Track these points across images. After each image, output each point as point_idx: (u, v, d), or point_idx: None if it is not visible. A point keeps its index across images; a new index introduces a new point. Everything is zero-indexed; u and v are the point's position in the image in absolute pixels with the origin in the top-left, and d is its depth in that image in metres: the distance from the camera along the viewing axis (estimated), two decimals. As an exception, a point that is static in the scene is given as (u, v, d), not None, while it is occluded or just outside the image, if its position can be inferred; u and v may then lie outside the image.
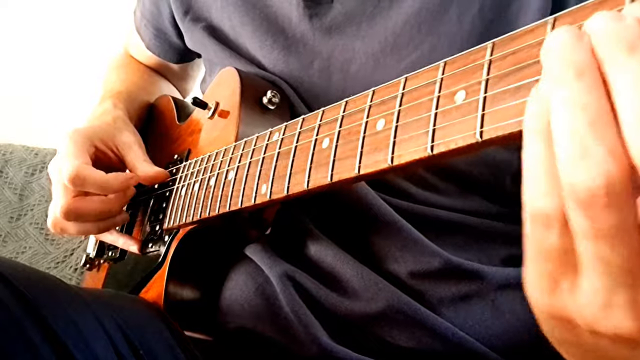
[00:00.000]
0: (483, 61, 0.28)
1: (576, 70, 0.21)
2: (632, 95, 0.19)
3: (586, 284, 0.22)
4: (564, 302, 0.23)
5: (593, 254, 0.21)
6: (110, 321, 0.45)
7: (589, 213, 0.20)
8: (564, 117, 0.21)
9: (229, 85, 0.58)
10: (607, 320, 0.22)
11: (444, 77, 0.30)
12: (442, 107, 0.29)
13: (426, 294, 0.49)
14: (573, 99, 0.20)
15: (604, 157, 0.20)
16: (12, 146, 1.15)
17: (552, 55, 0.21)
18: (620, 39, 0.20)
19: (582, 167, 0.20)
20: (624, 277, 0.21)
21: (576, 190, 0.20)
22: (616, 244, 0.21)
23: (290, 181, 0.40)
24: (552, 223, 0.22)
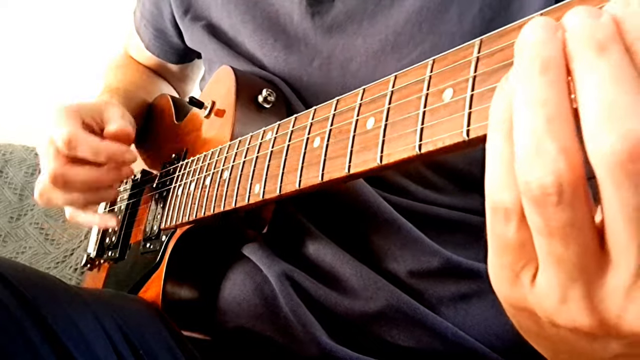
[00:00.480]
0: (471, 58, 0.27)
1: (541, 65, 0.20)
2: (596, 96, 0.19)
3: (543, 278, 0.22)
4: (524, 294, 0.23)
5: (547, 250, 0.21)
6: (110, 321, 0.45)
7: (541, 211, 0.20)
8: (523, 112, 0.20)
9: (224, 84, 0.57)
10: (564, 314, 0.22)
11: (432, 75, 0.30)
12: (431, 105, 0.29)
13: (426, 293, 0.49)
14: (534, 95, 0.20)
15: (556, 155, 0.20)
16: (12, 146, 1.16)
17: (522, 48, 0.21)
18: (592, 37, 0.19)
19: (535, 165, 0.20)
20: (578, 273, 0.21)
21: (530, 188, 0.20)
22: (569, 241, 0.20)
23: (283, 181, 0.40)
24: (510, 217, 0.22)
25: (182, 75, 0.87)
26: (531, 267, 0.23)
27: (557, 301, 0.22)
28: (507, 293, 0.24)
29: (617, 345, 0.22)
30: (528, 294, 0.23)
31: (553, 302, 0.22)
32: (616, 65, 0.19)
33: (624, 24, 0.20)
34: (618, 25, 0.20)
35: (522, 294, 0.24)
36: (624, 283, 0.20)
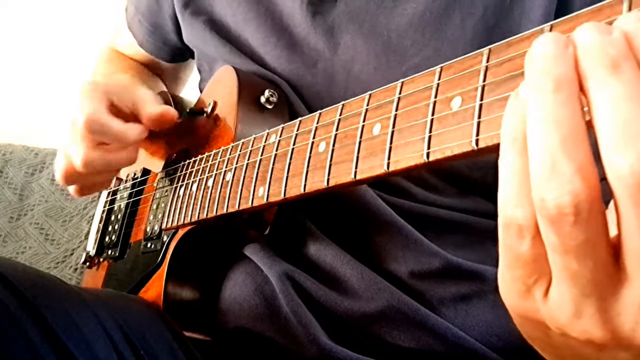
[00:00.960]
0: (479, 67, 0.28)
1: (555, 82, 0.20)
2: (610, 115, 0.19)
3: (556, 292, 0.22)
4: (536, 307, 0.24)
5: (562, 266, 0.21)
6: (110, 321, 0.45)
7: (557, 229, 0.20)
8: (538, 131, 0.20)
9: (226, 84, 0.57)
10: (578, 327, 0.22)
11: (440, 83, 0.30)
12: (439, 113, 0.29)
13: (426, 294, 0.49)
14: (548, 113, 0.20)
15: (572, 175, 0.20)
16: (12, 146, 1.15)
17: (534, 64, 0.21)
18: (604, 55, 0.19)
19: (551, 184, 0.20)
20: (592, 289, 0.21)
21: (546, 207, 0.20)
22: (584, 258, 0.21)
23: (287, 184, 0.40)
24: (524, 233, 0.22)
25: (174, 75, 0.85)
26: (544, 281, 0.23)
27: (571, 315, 0.22)
28: (516, 304, 0.25)
29: (626, 355, 0.23)
30: (540, 307, 0.23)
31: (566, 316, 0.22)
32: (630, 83, 0.19)
33: (636, 40, 0.19)
34: (630, 42, 0.19)
35: (533, 307, 0.24)
36: (638, 298, 0.20)
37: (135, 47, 0.80)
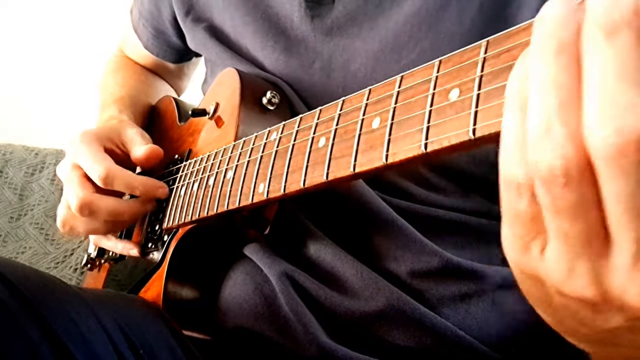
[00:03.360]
0: (477, 59, 0.28)
1: (558, 46, 0.20)
2: (597, 85, 0.19)
3: (551, 250, 0.23)
4: (535, 263, 0.24)
5: (555, 225, 0.22)
6: (110, 320, 0.45)
7: (549, 190, 0.21)
8: (537, 92, 0.21)
9: (229, 86, 0.58)
10: (571, 285, 0.23)
11: (438, 75, 0.30)
12: (437, 104, 0.29)
13: (426, 293, 0.49)
14: (548, 76, 0.20)
15: (564, 140, 0.20)
16: (12, 146, 1.15)
17: (541, 26, 0.21)
18: (607, 17, 0.19)
19: (544, 146, 0.20)
20: (583, 249, 0.22)
21: (539, 168, 0.21)
22: (575, 219, 0.21)
23: (287, 180, 0.40)
24: (522, 192, 0.23)
25: (179, 73, 0.87)
26: (541, 238, 0.23)
27: (564, 273, 0.23)
28: (518, 260, 0.25)
29: (619, 317, 0.23)
30: (538, 265, 0.24)
31: (560, 274, 0.23)
32: (622, 52, 0.19)
33: None
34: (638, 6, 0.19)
35: (532, 264, 0.24)
36: (625, 263, 0.21)
37: (141, 49, 0.81)
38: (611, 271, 0.21)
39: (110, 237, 0.65)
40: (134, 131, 0.64)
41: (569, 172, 0.20)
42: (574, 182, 0.20)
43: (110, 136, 0.63)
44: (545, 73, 0.20)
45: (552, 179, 0.20)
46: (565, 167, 0.20)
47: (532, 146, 0.21)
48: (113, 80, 0.81)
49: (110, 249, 0.66)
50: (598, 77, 0.19)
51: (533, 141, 0.21)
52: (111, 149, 0.62)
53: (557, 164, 0.20)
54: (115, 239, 0.65)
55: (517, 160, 0.22)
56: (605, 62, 0.19)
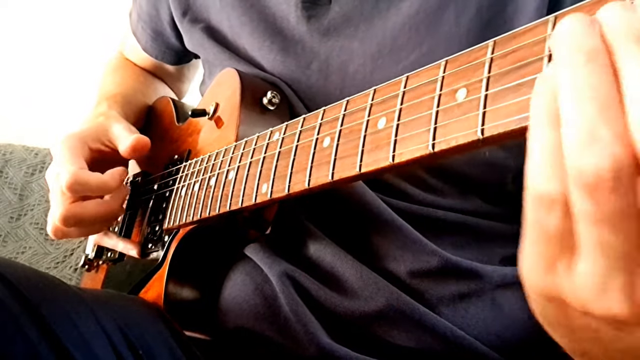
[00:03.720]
0: (484, 59, 0.28)
1: (587, 54, 0.21)
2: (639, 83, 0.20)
3: (583, 266, 0.23)
4: (560, 282, 0.24)
5: (593, 237, 0.22)
6: (109, 321, 0.45)
7: (594, 197, 0.21)
8: (573, 101, 0.21)
9: (229, 86, 0.58)
10: (601, 303, 0.22)
11: (445, 76, 0.30)
12: (444, 105, 0.29)
13: (425, 293, 0.49)
14: (583, 83, 0.21)
15: (612, 140, 0.20)
16: (12, 146, 1.15)
17: (563, 40, 0.22)
18: (631, 28, 0.20)
19: (590, 151, 0.20)
20: (622, 262, 0.21)
21: (583, 174, 0.21)
22: (618, 228, 0.21)
23: (291, 180, 0.40)
24: (555, 206, 0.22)
25: (179, 76, 0.86)
26: (569, 256, 0.23)
27: (596, 289, 0.22)
28: (541, 282, 0.25)
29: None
30: (564, 283, 0.24)
31: (591, 291, 0.22)
32: None
33: None
34: None
35: (557, 283, 0.24)
36: None
37: (141, 51, 0.81)
38: None
39: (111, 236, 0.64)
40: (121, 126, 0.63)
41: (618, 174, 0.20)
42: (622, 185, 0.20)
43: (96, 135, 0.62)
44: (580, 80, 0.21)
45: (599, 184, 0.20)
46: (614, 168, 0.20)
47: (574, 155, 0.21)
48: (110, 79, 0.81)
49: (112, 247, 0.66)
50: (638, 77, 0.20)
51: (574, 149, 0.21)
52: (98, 148, 0.62)
53: (606, 165, 0.20)
54: (116, 238, 0.65)
55: (549, 175, 0.22)
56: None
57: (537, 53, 0.25)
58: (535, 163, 0.23)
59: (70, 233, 0.61)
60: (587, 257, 0.22)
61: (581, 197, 0.21)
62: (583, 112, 0.21)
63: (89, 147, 0.60)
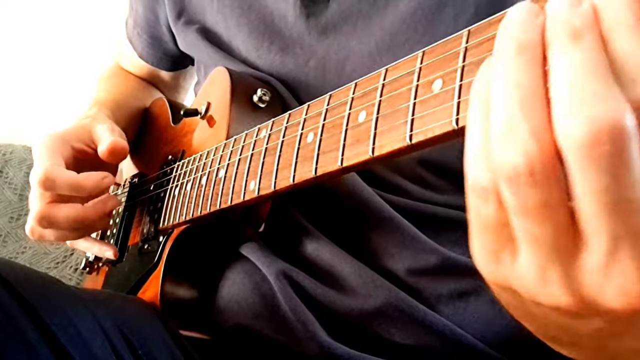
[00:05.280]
0: (459, 49, 0.28)
1: (518, 47, 0.21)
2: (566, 80, 0.19)
3: (522, 258, 0.22)
4: (506, 273, 0.23)
5: (523, 230, 0.21)
6: (108, 321, 0.45)
7: (514, 190, 0.21)
8: (498, 92, 0.21)
9: (220, 85, 0.58)
10: (544, 294, 0.22)
11: (422, 67, 0.30)
12: (421, 96, 0.29)
13: (424, 291, 0.49)
14: (509, 75, 0.21)
15: (527, 136, 0.20)
16: (12, 146, 1.16)
17: (503, 29, 0.22)
18: (569, 23, 0.20)
19: (507, 145, 0.20)
20: (555, 254, 0.21)
21: (503, 168, 0.21)
22: (543, 220, 0.21)
23: (277, 176, 0.40)
24: (489, 197, 0.22)
25: (175, 84, 0.86)
26: (511, 247, 0.23)
27: (537, 282, 0.22)
28: (489, 272, 0.25)
29: (599, 321, 0.23)
30: (509, 274, 0.23)
31: (533, 283, 0.22)
32: (589, 52, 0.19)
33: (603, 12, 0.20)
34: (596, 14, 0.20)
35: (504, 274, 0.24)
36: (599, 262, 0.20)
37: (136, 58, 0.81)
38: (585, 274, 0.21)
39: (86, 239, 0.63)
40: (104, 127, 0.61)
41: (533, 169, 0.20)
42: (538, 180, 0.20)
43: (79, 135, 0.61)
44: (507, 71, 0.21)
45: (517, 178, 0.20)
46: (529, 164, 0.20)
47: (495, 146, 0.21)
48: (102, 87, 0.81)
49: (86, 249, 0.65)
50: (568, 73, 0.19)
51: (496, 140, 0.21)
52: (81, 148, 0.60)
53: (520, 161, 0.20)
54: (91, 241, 0.63)
55: (482, 164, 0.22)
56: (574, 61, 0.19)
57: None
58: (472, 152, 0.22)
59: (45, 235, 0.59)
60: (524, 249, 0.22)
61: (505, 189, 0.21)
62: (505, 105, 0.20)
63: (71, 146, 0.59)
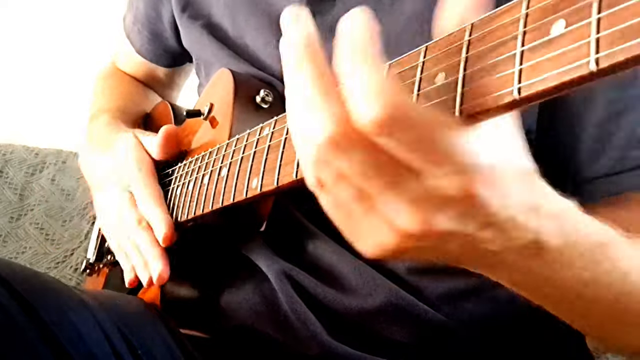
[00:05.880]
0: (461, 42, 0.28)
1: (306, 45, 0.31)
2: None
3: (374, 219, 0.30)
4: (380, 240, 0.30)
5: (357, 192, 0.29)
6: (108, 321, 0.45)
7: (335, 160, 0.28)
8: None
9: (223, 86, 0.58)
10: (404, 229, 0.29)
11: (425, 61, 0.30)
12: (424, 89, 0.30)
13: (424, 290, 0.49)
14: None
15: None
16: (12, 146, 1.16)
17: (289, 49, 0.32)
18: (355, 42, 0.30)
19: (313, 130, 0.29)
20: (361, 203, 0.29)
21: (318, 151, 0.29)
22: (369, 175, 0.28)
23: (280, 173, 0.40)
24: (321, 185, 0.30)
25: (170, 82, 0.85)
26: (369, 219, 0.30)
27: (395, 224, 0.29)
28: (375, 251, 0.31)
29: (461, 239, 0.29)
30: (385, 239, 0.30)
31: (395, 227, 0.29)
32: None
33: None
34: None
35: (379, 242, 0.30)
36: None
37: (132, 56, 0.81)
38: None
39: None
40: (141, 133, 0.63)
41: (338, 142, 0.28)
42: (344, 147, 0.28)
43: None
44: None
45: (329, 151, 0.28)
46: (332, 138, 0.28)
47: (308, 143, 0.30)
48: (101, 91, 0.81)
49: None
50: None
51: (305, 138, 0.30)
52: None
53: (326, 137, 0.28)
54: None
55: (308, 167, 0.31)
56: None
57: (512, 31, 0.26)
58: (301, 160, 0.33)
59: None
60: (368, 212, 0.29)
61: (333, 164, 0.29)
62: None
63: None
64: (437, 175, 0.26)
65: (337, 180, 0.29)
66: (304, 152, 0.30)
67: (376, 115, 0.25)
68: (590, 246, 0.33)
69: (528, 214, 0.29)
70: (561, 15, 0.23)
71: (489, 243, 0.30)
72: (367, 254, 0.32)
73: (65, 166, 1.08)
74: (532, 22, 0.25)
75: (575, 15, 0.23)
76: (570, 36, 0.23)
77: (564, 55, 0.23)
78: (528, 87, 0.24)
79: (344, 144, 0.27)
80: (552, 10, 0.24)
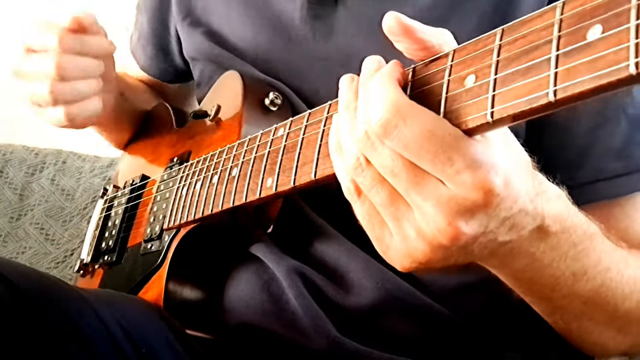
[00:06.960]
0: (493, 46, 0.29)
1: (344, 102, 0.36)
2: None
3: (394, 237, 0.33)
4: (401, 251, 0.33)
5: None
6: (111, 319, 0.45)
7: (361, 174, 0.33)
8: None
9: (231, 88, 0.58)
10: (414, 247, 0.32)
11: (453, 64, 0.31)
12: (453, 91, 0.30)
13: (431, 285, 0.50)
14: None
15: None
16: (12, 146, 1.15)
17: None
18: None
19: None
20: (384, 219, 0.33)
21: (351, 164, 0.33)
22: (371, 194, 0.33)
23: (297, 173, 0.40)
24: (357, 193, 0.34)
25: (177, 99, 0.85)
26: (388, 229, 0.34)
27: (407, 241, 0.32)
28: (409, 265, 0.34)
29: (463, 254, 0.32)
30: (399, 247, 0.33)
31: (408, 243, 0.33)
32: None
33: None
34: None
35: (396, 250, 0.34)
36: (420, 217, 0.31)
37: (139, 73, 0.81)
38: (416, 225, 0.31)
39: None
40: None
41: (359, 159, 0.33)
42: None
43: None
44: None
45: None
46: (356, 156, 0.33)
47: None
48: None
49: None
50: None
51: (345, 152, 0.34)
52: None
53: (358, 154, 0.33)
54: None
55: (343, 178, 0.35)
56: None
57: (545, 36, 0.26)
58: (336, 173, 0.37)
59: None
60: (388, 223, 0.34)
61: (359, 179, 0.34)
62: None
63: None
64: (450, 174, 0.28)
65: (372, 183, 0.32)
66: (342, 160, 0.34)
67: (379, 117, 0.29)
68: (580, 237, 0.37)
69: (535, 200, 0.32)
70: (598, 21, 0.24)
71: (505, 235, 0.32)
72: (398, 265, 0.34)
73: (65, 166, 1.08)
74: (566, 27, 0.25)
75: (614, 21, 0.23)
76: (608, 41, 0.23)
77: (601, 59, 0.23)
78: (564, 89, 0.25)
79: (373, 142, 0.31)
80: (589, 16, 0.24)
